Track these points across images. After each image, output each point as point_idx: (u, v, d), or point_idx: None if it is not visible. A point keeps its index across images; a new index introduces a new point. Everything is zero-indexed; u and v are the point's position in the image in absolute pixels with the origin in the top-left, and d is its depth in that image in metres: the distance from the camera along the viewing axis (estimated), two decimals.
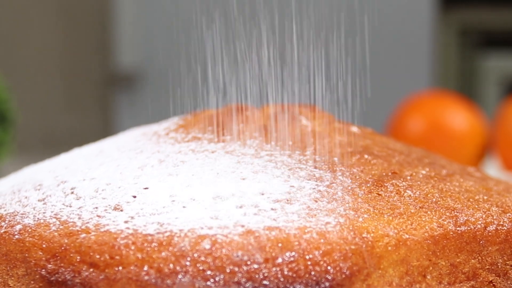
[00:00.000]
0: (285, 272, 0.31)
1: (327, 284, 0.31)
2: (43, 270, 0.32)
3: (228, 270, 0.31)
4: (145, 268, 0.31)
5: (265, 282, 0.30)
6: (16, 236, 0.33)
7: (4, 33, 2.40)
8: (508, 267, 0.34)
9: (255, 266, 0.31)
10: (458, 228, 0.34)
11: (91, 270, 0.31)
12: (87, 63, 2.40)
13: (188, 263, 0.31)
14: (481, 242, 0.34)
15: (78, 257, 0.31)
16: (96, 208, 0.34)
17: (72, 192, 0.35)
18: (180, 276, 0.31)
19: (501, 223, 0.35)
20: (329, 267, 0.31)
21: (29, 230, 0.33)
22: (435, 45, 2.12)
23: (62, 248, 0.32)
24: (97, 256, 0.31)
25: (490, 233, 0.34)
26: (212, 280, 0.30)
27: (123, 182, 0.35)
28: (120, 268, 0.31)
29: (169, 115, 0.45)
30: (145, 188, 0.35)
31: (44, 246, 0.32)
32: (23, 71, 2.39)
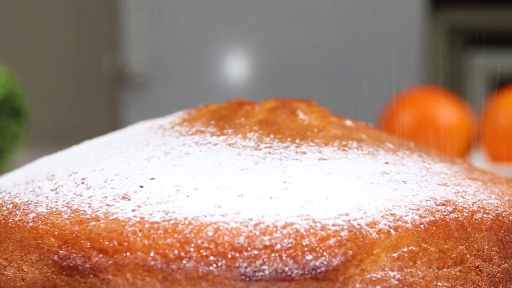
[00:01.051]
0: (284, 258, 0.31)
1: (323, 269, 0.31)
2: (55, 255, 0.32)
3: (229, 256, 0.31)
4: (152, 254, 0.31)
5: (264, 267, 0.30)
6: (30, 224, 0.33)
7: (18, 33, 2.40)
8: (493, 253, 0.34)
9: (255, 252, 0.31)
10: (446, 216, 0.34)
11: (101, 255, 0.31)
12: (97, 61, 2.40)
13: (192, 249, 0.31)
14: (468, 229, 0.34)
15: (88, 244, 0.32)
16: (105, 197, 0.34)
17: (83, 182, 0.35)
18: (184, 262, 0.31)
19: (487, 211, 0.35)
20: (325, 253, 0.31)
21: (42, 218, 0.33)
22: (425, 44, 2.12)
23: (73, 235, 0.32)
24: (106, 243, 0.31)
25: (476, 221, 0.34)
26: (214, 265, 0.30)
27: (131, 173, 0.35)
28: (128, 254, 0.31)
29: (174, 110, 0.45)
30: (152, 179, 0.35)
31: (56, 233, 0.32)
32: (36, 69, 2.39)
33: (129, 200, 0.33)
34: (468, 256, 0.33)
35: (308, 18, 2.13)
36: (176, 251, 0.31)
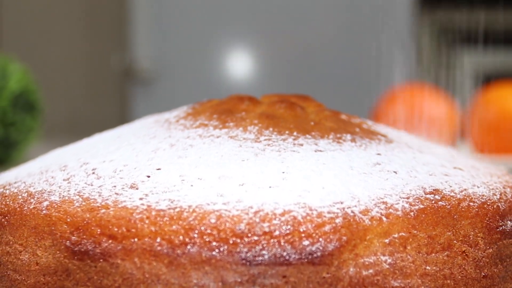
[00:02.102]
0: (282, 243, 0.31)
1: (319, 254, 0.31)
2: (68, 241, 0.32)
3: (231, 242, 0.31)
4: (158, 239, 0.31)
5: (263, 252, 0.30)
6: (44, 212, 0.33)
7: (33, 33, 2.39)
8: (479, 238, 0.34)
9: (255, 238, 0.31)
10: (435, 204, 0.34)
11: (110, 241, 0.31)
12: (107, 58, 2.40)
13: (196, 235, 0.31)
14: (455, 216, 0.34)
15: (99, 230, 0.32)
16: (115, 186, 0.34)
17: (93, 173, 0.35)
18: (188, 247, 0.31)
19: (473, 199, 0.35)
20: (320, 239, 0.31)
21: (55, 206, 0.33)
22: (415, 42, 2.12)
23: (85, 222, 0.32)
24: (115, 229, 0.31)
25: (463, 209, 0.34)
26: (217, 250, 0.31)
27: (139, 163, 0.35)
28: (136, 239, 0.31)
29: (179, 105, 0.45)
30: (158, 169, 0.35)
31: (68, 220, 0.32)
32: (50, 66, 2.38)
33: (137, 189, 0.33)
34: (455, 241, 0.33)
35: (304, 18, 2.13)
36: (181, 237, 0.31)
